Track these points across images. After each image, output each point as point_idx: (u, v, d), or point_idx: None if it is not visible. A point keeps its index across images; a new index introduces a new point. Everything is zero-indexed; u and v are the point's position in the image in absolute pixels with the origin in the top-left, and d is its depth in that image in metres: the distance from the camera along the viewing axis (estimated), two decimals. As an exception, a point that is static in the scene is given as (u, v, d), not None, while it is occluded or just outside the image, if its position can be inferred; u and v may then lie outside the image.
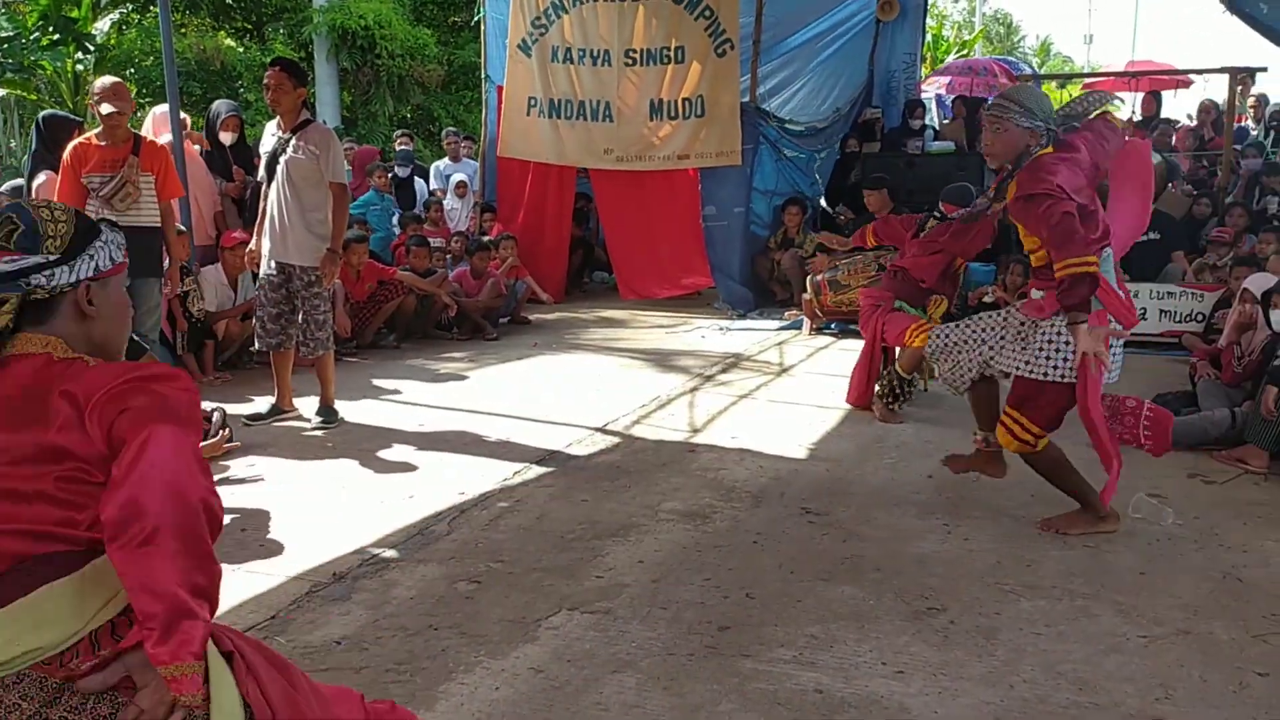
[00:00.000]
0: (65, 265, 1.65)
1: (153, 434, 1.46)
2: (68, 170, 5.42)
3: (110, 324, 1.72)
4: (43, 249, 1.64)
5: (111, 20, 15.80)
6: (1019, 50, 38.14)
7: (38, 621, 1.45)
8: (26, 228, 1.64)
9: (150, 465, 1.44)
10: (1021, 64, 19.79)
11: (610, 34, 9.49)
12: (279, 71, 5.25)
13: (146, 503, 1.42)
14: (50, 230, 1.66)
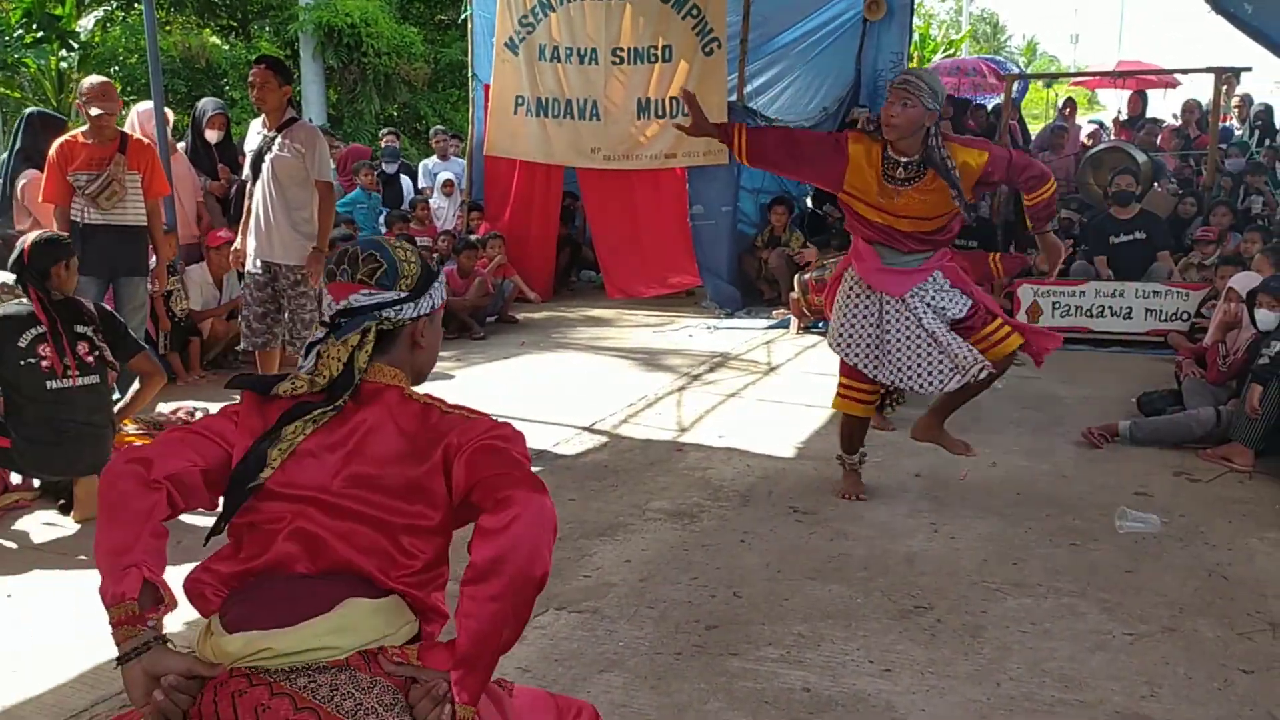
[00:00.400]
0: (412, 302, 1.83)
1: (528, 502, 1.57)
2: (54, 168, 5.38)
3: (432, 352, 1.93)
4: (397, 286, 1.81)
5: (95, 18, 15.71)
6: (1005, 50, 38.29)
7: (340, 627, 1.58)
8: (389, 267, 1.81)
9: (523, 531, 1.55)
10: (1008, 63, 19.82)
11: (597, 32, 9.47)
12: (265, 69, 5.22)
13: (509, 565, 1.54)
14: (406, 270, 1.83)
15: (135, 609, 1.53)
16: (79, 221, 5.37)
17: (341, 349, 1.77)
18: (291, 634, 1.55)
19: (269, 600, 1.61)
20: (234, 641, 1.54)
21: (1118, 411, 5.71)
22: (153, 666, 1.52)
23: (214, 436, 1.74)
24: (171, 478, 1.65)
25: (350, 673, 1.55)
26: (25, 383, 3.99)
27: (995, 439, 5.32)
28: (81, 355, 4.08)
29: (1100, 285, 8.00)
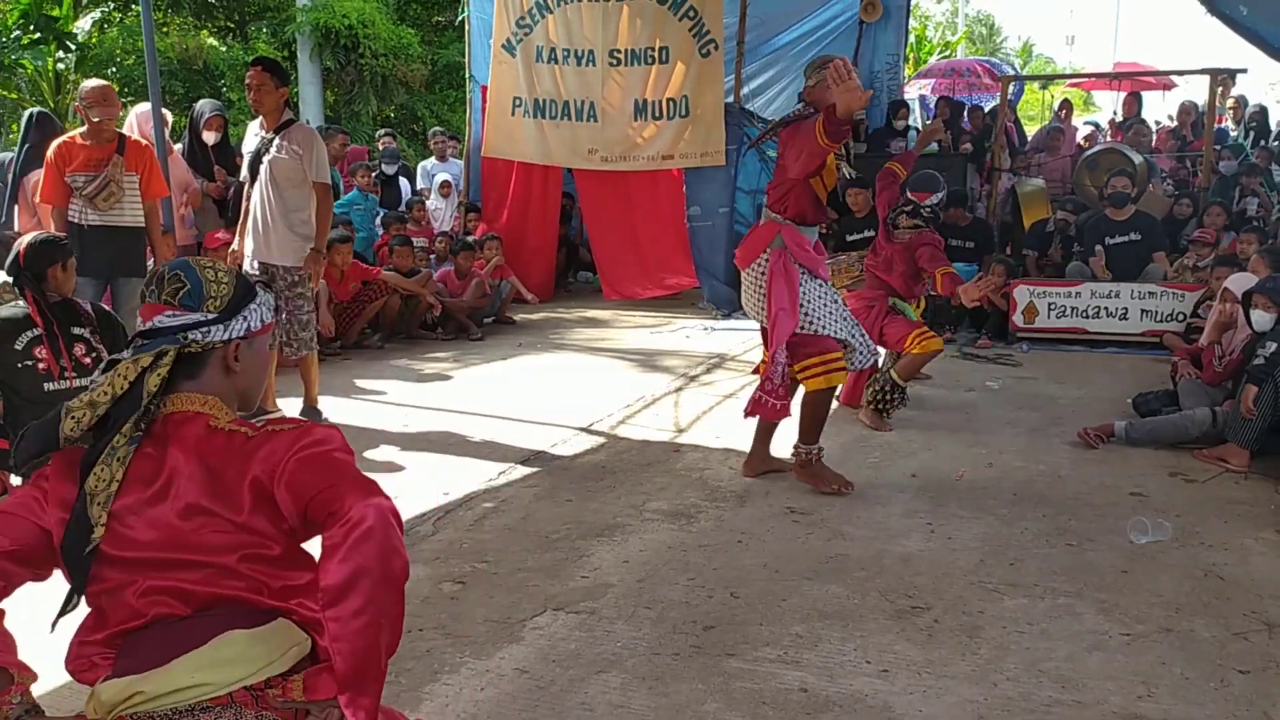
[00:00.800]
0: (221, 324, 1.76)
1: (363, 510, 1.54)
2: (51, 168, 5.39)
3: (252, 378, 1.84)
4: (203, 308, 1.75)
5: (93, 19, 15.70)
6: (1001, 51, 38.35)
7: (213, 661, 1.57)
8: (193, 287, 1.75)
9: (366, 541, 1.52)
10: (1004, 65, 19.86)
11: (594, 34, 9.48)
12: (261, 71, 5.22)
13: (364, 578, 1.52)
14: (213, 291, 1.76)
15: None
16: (77, 222, 5.38)
17: (131, 368, 1.67)
18: (162, 674, 1.54)
19: (148, 646, 1.59)
20: (108, 689, 1.55)
21: (1113, 412, 5.73)
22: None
23: (22, 513, 1.65)
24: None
25: (236, 710, 1.54)
26: (23, 385, 3.98)
27: (991, 440, 5.34)
28: (79, 357, 4.08)
29: (1096, 286, 8.03)
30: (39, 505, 1.65)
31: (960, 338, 8.21)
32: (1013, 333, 8.13)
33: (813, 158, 4.16)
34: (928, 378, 6.74)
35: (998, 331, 8.18)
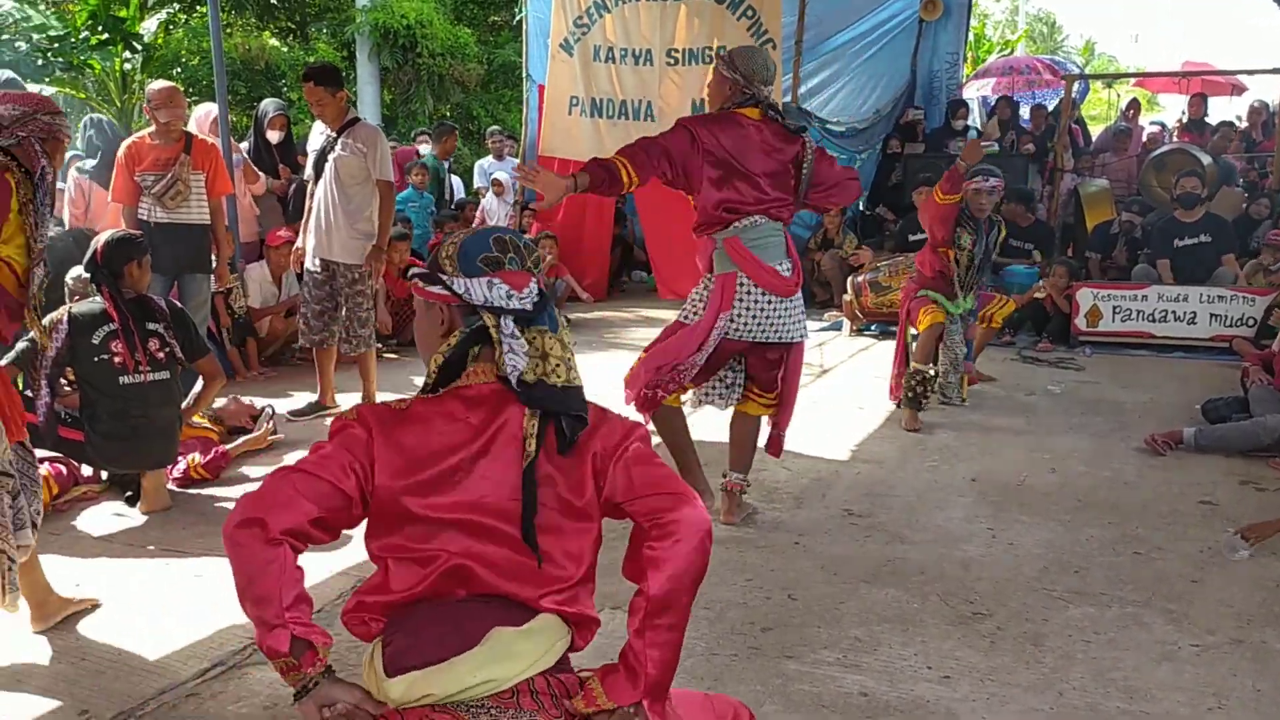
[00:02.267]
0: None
1: (692, 525, 1.64)
2: (122, 168, 5.52)
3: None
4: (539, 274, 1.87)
5: (158, 20, 16.01)
6: (1063, 50, 37.69)
7: (492, 659, 1.64)
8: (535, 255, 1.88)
9: (693, 558, 1.62)
10: (1066, 63, 19.53)
11: (652, 33, 9.48)
12: (313, 86, 5.30)
13: (684, 594, 1.64)
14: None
15: (292, 661, 1.62)
16: (146, 220, 5.50)
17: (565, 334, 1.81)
18: (446, 673, 1.62)
19: (422, 635, 1.67)
20: (395, 686, 1.64)
21: (1180, 418, 5.61)
22: (322, 699, 1.63)
23: (327, 476, 1.69)
24: (287, 532, 1.66)
25: (530, 717, 1.62)
26: (99, 379, 4.08)
27: (1053, 444, 5.25)
28: (153, 351, 4.17)
29: (1163, 289, 7.86)
30: (345, 473, 1.69)
31: (1020, 341, 8.09)
32: (1075, 336, 7.99)
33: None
34: (991, 379, 6.66)
35: (1059, 335, 8.05)
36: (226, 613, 3.27)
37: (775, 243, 3.82)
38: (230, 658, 3.00)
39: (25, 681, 2.89)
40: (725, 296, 3.80)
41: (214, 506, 4.36)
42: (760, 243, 3.79)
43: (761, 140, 3.77)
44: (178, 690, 2.82)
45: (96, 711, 2.71)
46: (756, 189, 3.77)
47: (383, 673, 1.66)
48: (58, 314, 4.08)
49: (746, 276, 3.78)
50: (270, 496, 1.66)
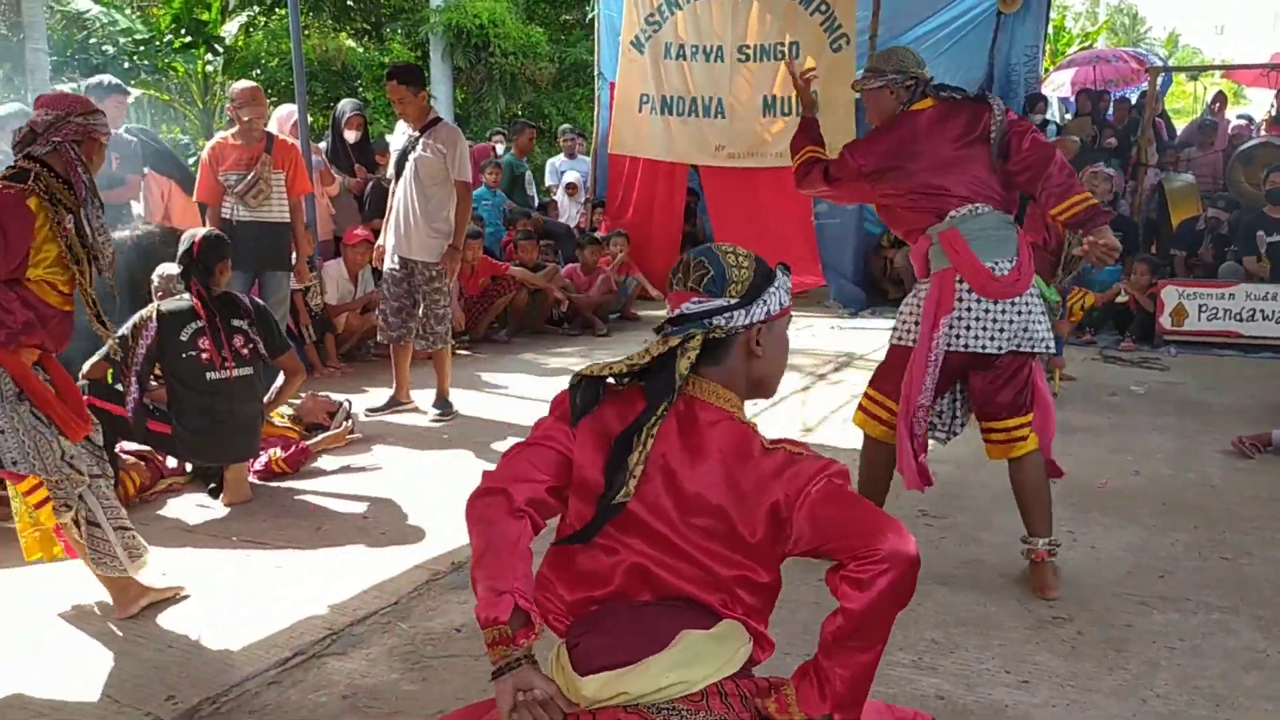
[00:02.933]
0: (742, 309, 1.81)
1: (897, 553, 1.61)
2: (206, 168, 5.66)
3: (772, 363, 1.88)
4: (726, 293, 1.80)
5: (239, 23, 16.36)
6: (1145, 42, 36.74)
7: (684, 661, 1.66)
8: (716, 273, 1.81)
9: (890, 592, 1.61)
10: (1149, 55, 19.02)
11: (724, 29, 9.45)
12: (395, 85, 5.38)
13: (885, 619, 1.65)
14: (734, 276, 1.81)
15: (507, 631, 1.63)
16: (229, 219, 5.63)
17: (659, 346, 1.79)
18: (639, 674, 1.65)
19: (611, 635, 1.71)
20: (589, 685, 1.66)
21: (1270, 420, 5.43)
22: (520, 682, 1.64)
23: (552, 445, 1.79)
24: (530, 503, 1.74)
25: (708, 708, 1.65)
26: (187, 375, 4.20)
27: (1136, 446, 5.12)
28: (238, 348, 4.28)
29: (1251, 287, 7.62)
30: (567, 437, 1.78)
31: (1102, 340, 7.90)
32: (1159, 335, 7.78)
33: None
34: (1071, 379, 6.52)
35: (1142, 334, 7.85)
36: (306, 603, 3.34)
37: (997, 236, 3.25)
38: (310, 647, 3.06)
39: (117, 667, 2.98)
40: (944, 298, 3.25)
41: (293, 499, 4.45)
42: (981, 235, 3.24)
43: (941, 125, 3.34)
44: (259, 678, 2.89)
45: (183, 697, 2.79)
46: (956, 175, 3.29)
47: (573, 671, 1.68)
48: (147, 312, 4.21)
49: (963, 276, 3.24)
50: (510, 470, 1.77)
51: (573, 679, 1.67)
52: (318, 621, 3.23)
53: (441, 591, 3.46)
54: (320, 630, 3.17)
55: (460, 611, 3.30)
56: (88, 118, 3.02)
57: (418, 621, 3.24)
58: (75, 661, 3.00)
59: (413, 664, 2.97)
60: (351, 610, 3.32)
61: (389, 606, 3.35)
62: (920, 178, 3.33)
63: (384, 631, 3.17)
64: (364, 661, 2.99)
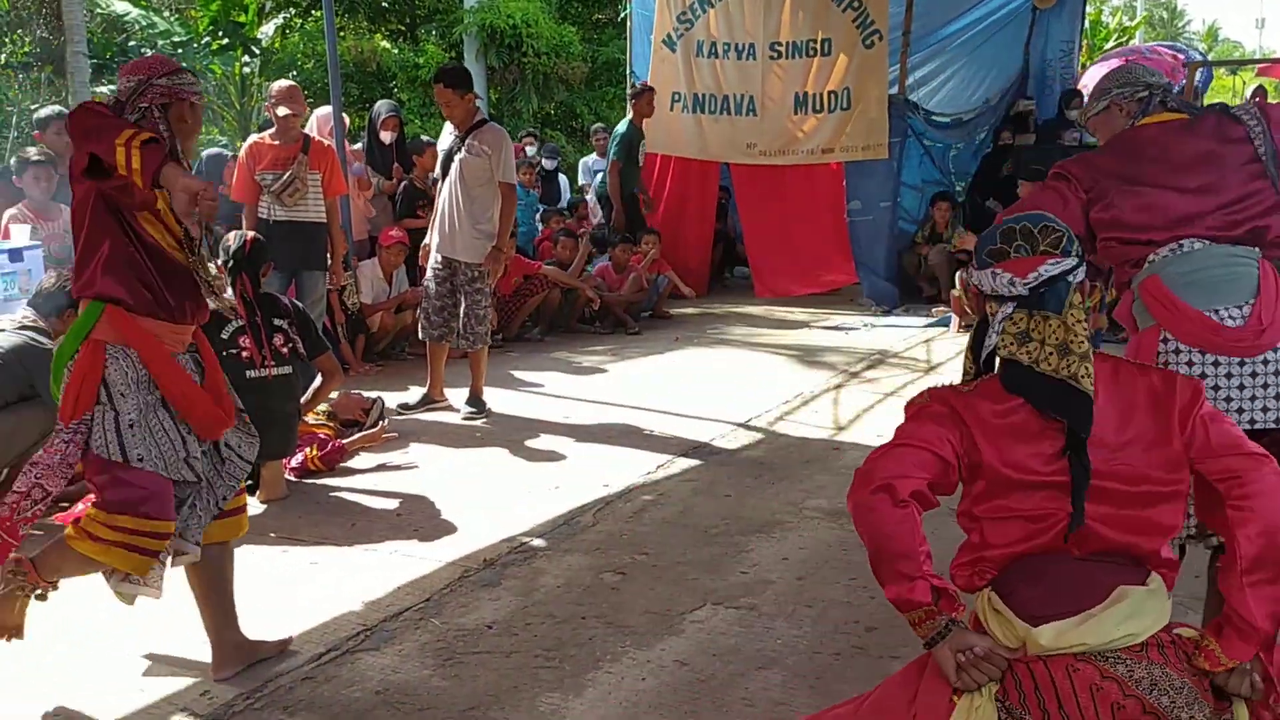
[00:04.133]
0: (1081, 264, 1.92)
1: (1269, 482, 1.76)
2: (243, 168, 5.75)
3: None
4: (1074, 251, 1.92)
5: (275, 25, 16.53)
6: (1184, 36, 36.28)
7: (1130, 614, 1.78)
8: (1065, 233, 1.93)
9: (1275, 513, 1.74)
10: (1189, 50, 18.76)
11: (756, 27, 9.44)
12: (442, 89, 5.46)
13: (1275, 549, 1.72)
14: (1071, 234, 1.94)
15: (932, 609, 1.80)
16: (265, 218, 5.71)
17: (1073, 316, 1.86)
18: (1094, 625, 1.76)
19: (1051, 587, 1.83)
20: (1045, 634, 1.77)
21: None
22: (956, 644, 1.79)
23: (927, 446, 1.89)
24: (914, 495, 1.86)
25: (1161, 670, 1.75)
26: (227, 372, 4.23)
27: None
28: (278, 347, 4.34)
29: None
30: (941, 442, 1.89)
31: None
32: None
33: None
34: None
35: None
36: (340, 599, 3.38)
37: (1224, 275, 2.56)
38: (344, 643, 3.10)
39: (152, 662, 3.04)
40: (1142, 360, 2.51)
41: (329, 496, 4.51)
42: (1195, 276, 2.58)
43: (1181, 140, 2.72)
44: (294, 673, 2.93)
45: (217, 692, 2.84)
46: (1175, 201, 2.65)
47: (1019, 621, 1.80)
48: None
49: (1171, 332, 2.58)
50: (889, 468, 1.88)
51: (1018, 625, 1.79)
52: (352, 617, 3.27)
53: (474, 588, 3.49)
54: (354, 626, 3.21)
55: (492, 608, 3.33)
56: (172, 78, 2.72)
57: (450, 618, 3.27)
58: (109, 656, 3.05)
59: (445, 660, 3.00)
60: (385, 606, 3.35)
61: (422, 603, 3.38)
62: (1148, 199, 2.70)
63: (416, 628, 3.21)
64: (396, 657, 3.02)
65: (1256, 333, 2.47)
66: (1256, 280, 2.53)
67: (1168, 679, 1.73)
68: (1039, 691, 1.74)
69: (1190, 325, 2.54)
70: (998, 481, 1.87)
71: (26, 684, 2.88)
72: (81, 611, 3.31)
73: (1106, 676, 1.72)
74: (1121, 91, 2.89)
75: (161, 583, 2.73)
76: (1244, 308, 2.51)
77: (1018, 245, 1.92)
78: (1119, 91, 2.90)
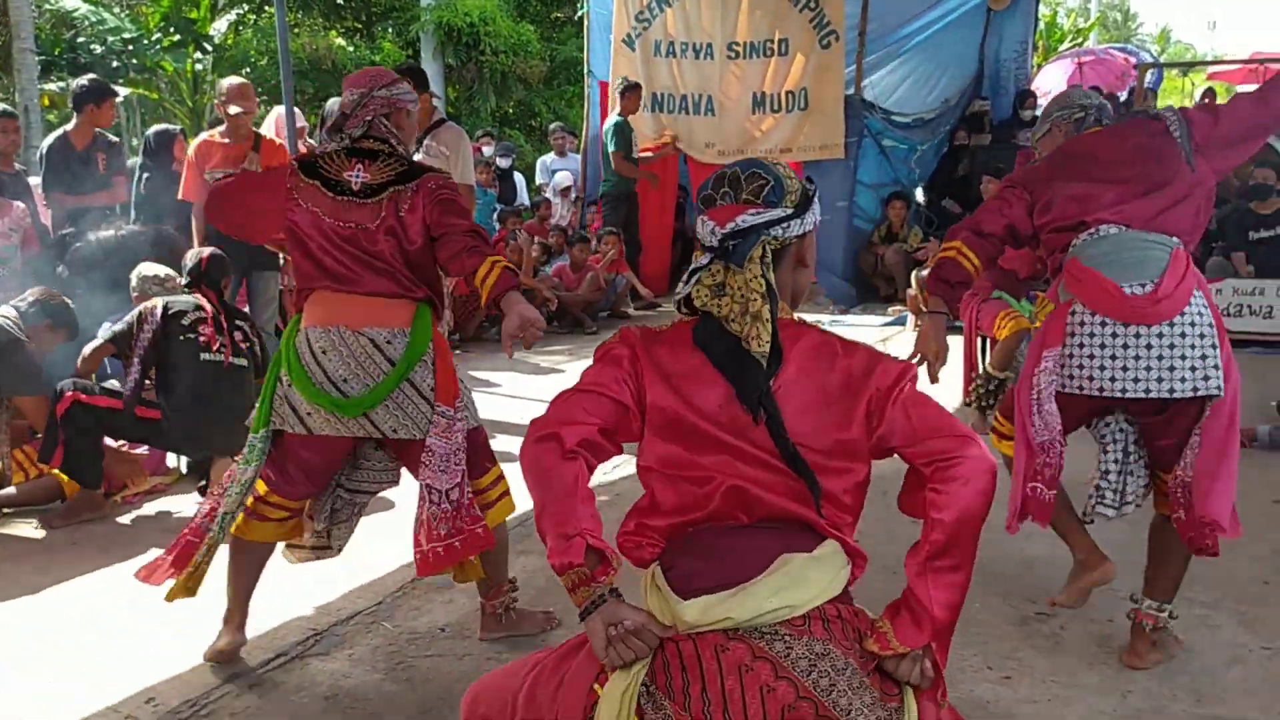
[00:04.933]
0: (799, 218, 1.80)
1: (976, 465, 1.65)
2: (192, 166, 5.64)
3: (808, 275, 1.89)
4: (784, 202, 1.79)
5: (228, 21, 16.33)
6: (1136, 38, 36.83)
7: (786, 584, 1.63)
8: (775, 183, 1.80)
9: (971, 501, 1.64)
10: (1141, 51, 19.05)
11: (713, 27, 9.47)
12: None
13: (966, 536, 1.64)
14: (789, 186, 1.81)
15: (585, 573, 1.62)
16: (216, 219, 5.60)
17: (751, 271, 1.73)
18: (743, 598, 1.61)
19: (709, 558, 1.68)
20: (690, 609, 1.61)
21: (1256, 416, 5.44)
22: (609, 617, 1.61)
23: (604, 392, 1.78)
24: (582, 444, 1.73)
25: (824, 646, 1.60)
26: (181, 355, 4.25)
27: (1122, 442, 5.13)
28: (237, 341, 4.38)
29: (1238, 283, 7.64)
30: (618, 385, 1.78)
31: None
32: (1147, 331, 7.80)
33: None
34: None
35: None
36: (290, 604, 3.34)
37: (1136, 257, 2.79)
38: (293, 648, 3.06)
39: (96, 668, 2.98)
40: (1051, 330, 2.88)
41: (280, 499, 4.44)
42: (1109, 257, 2.81)
43: (1111, 140, 2.97)
44: (241, 680, 2.89)
45: (164, 699, 2.79)
46: (1101, 192, 2.88)
47: (672, 595, 1.65)
48: (151, 303, 4.29)
49: (1082, 303, 2.84)
50: (559, 415, 1.76)
51: (672, 602, 1.64)
52: (301, 622, 3.23)
53: (425, 591, 3.46)
54: (303, 631, 3.17)
55: (445, 610, 3.31)
56: (390, 89, 2.97)
57: (402, 621, 3.24)
58: (53, 662, 3.00)
59: (396, 664, 2.97)
60: (335, 610, 3.32)
61: (373, 606, 3.35)
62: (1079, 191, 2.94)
63: (368, 631, 3.18)
64: (347, 662, 2.99)
65: (1154, 301, 2.71)
66: (1165, 263, 2.75)
67: (829, 658, 1.59)
68: (685, 673, 1.58)
69: (1097, 292, 2.77)
70: (666, 429, 1.75)
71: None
72: (21, 614, 3.24)
73: (759, 656, 1.57)
74: (1060, 114, 3.19)
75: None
76: (1147, 285, 2.74)
77: (723, 193, 1.81)
78: (1058, 114, 3.19)
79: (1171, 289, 2.71)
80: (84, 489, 4.18)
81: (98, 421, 4.15)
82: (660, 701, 1.59)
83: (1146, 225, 2.80)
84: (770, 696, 1.55)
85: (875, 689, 1.60)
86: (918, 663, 1.62)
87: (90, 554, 3.85)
